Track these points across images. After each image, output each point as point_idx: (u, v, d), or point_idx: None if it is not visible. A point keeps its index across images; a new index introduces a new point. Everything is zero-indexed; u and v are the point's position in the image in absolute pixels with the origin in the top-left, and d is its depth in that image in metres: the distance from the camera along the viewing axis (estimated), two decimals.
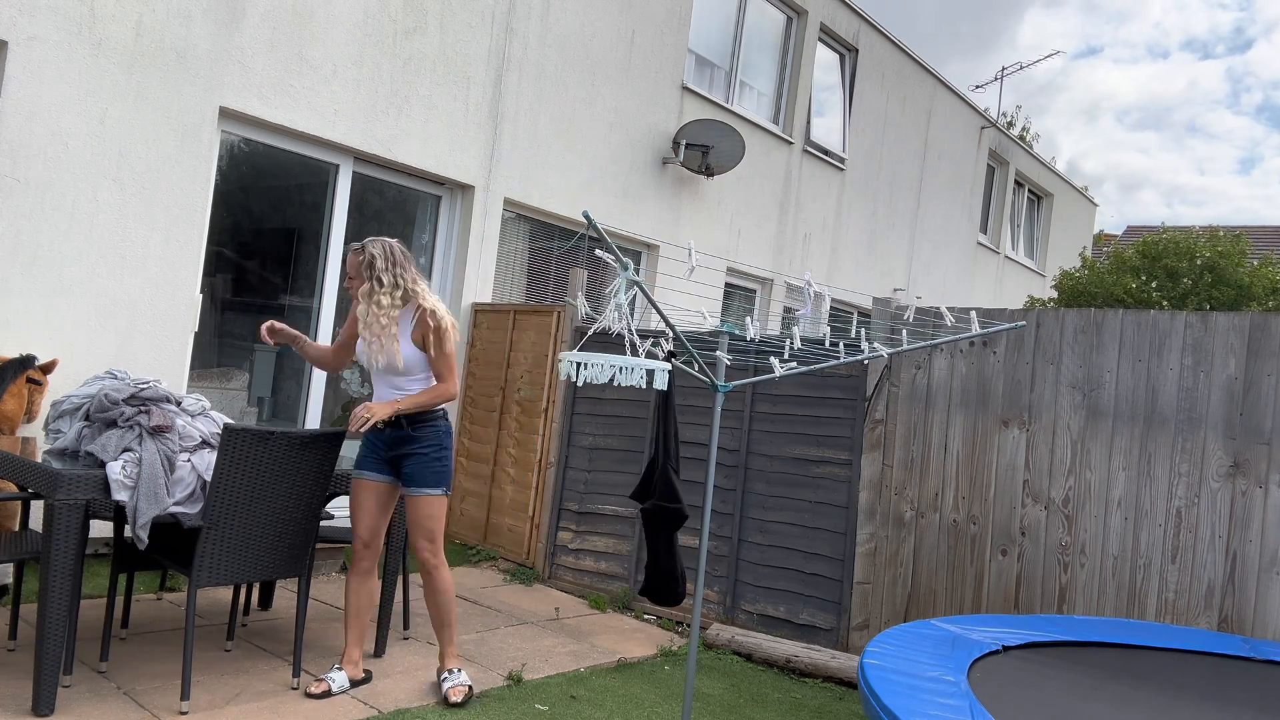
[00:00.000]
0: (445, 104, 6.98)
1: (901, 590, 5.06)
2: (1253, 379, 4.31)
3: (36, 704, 3.29)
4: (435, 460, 3.83)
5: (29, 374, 4.74)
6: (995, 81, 19.11)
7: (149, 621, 4.48)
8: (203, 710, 3.53)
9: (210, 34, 5.66)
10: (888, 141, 12.19)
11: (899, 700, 2.68)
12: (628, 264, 3.15)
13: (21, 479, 3.62)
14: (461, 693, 3.88)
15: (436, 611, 3.95)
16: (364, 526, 3.91)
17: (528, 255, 8.20)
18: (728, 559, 5.59)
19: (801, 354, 4.22)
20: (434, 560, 3.87)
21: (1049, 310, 4.85)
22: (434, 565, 3.87)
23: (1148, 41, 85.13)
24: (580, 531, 6.13)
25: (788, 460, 5.47)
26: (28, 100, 4.99)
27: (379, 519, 3.92)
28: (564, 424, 6.30)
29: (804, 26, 10.68)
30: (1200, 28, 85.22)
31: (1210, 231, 13.60)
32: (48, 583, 3.28)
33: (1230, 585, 4.27)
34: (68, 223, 5.17)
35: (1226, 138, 79.84)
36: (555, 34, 7.82)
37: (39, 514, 4.55)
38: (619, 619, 5.58)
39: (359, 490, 3.91)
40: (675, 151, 8.94)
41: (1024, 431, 4.81)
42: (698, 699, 4.32)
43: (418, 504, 3.83)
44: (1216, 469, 4.35)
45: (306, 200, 6.71)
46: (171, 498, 3.51)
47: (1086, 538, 4.60)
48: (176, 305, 5.65)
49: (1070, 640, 3.70)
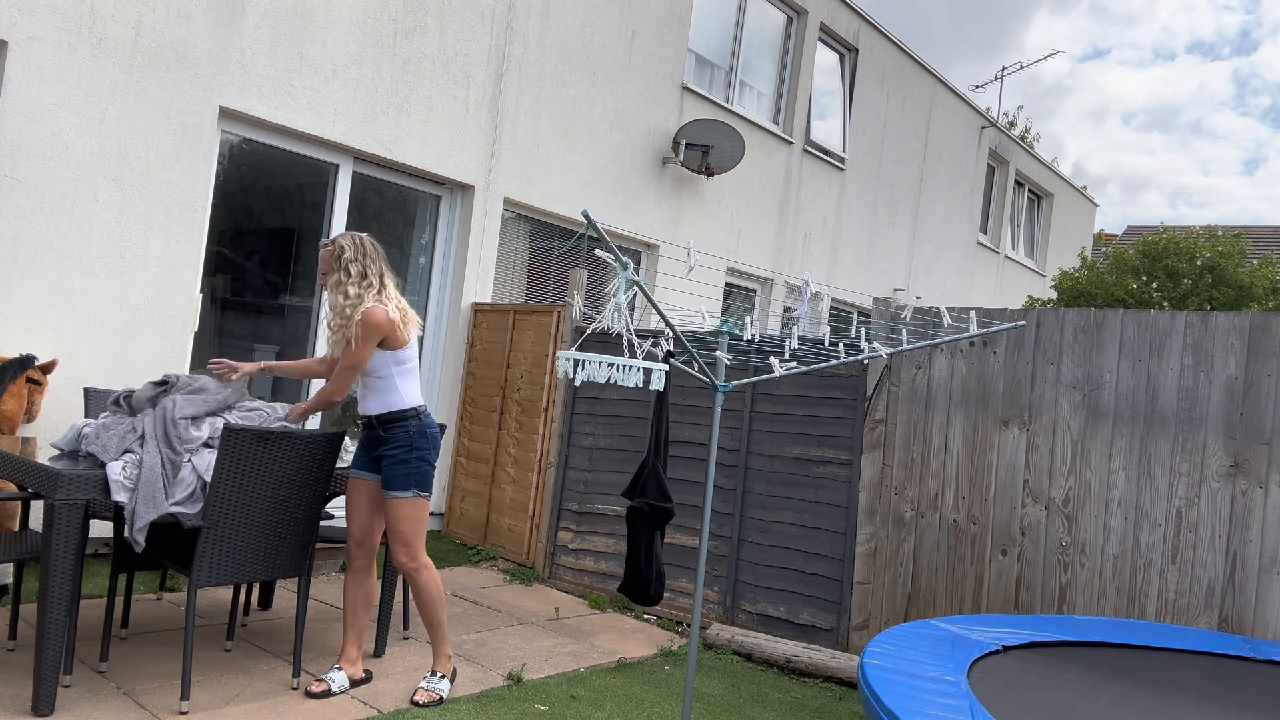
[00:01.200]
0: (445, 104, 6.98)
1: (901, 590, 5.06)
2: (1253, 379, 4.31)
3: (36, 704, 3.29)
4: (403, 462, 3.77)
5: (29, 374, 4.74)
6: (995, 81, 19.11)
7: (149, 621, 4.48)
8: (203, 710, 3.53)
9: (210, 34, 5.66)
10: (888, 141, 12.19)
11: (899, 700, 2.68)
12: (627, 263, 3.15)
13: (21, 479, 3.62)
14: (427, 696, 3.83)
15: (422, 613, 3.94)
16: (355, 525, 3.92)
17: (528, 255, 8.20)
18: (728, 559, 5.59)
19: (801, 354, 4.22)
20: (410, 564, 3.83)
21: (1049, 310, 4.85)
22: (411, 569, 3.84)
23: (1155, 44, 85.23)
24: (580, 531, 6.13)
25: (788, 460, 5.47)
26: (28, 100, 4.99)
27: (370, 517, 3.92)
28: (564, 424, 6.30)
29: (804, 26, 10.68)
30: (1207, 30, 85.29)
31: (1210, 231, 13.60)
32: (48, 583, 3.28)
33: (1230, 585, 4.27)
34: (68, 223, 5.17)
35: (1231, 139, 79.94)
36: (555, 34, 7.82)
37: (39, 514, 4.55)
38: (619, 619, 5.58)
39: (350, 489, 3.94)
40: (675, 151, 8.94)
41: (1024, 431, 4.81)
42: (698, 699, 4.32)
43: (388, 506, 3.81)
44: (1217, 469, 4.35)
45: (306, 200, 6.71)
46: (171, 498, 3.51)
47: (1086, 538, 4.60)
48: (176, 305, 5.65)
49: (1070, 640, 3.70)
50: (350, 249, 3.78)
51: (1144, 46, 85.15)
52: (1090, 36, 77.38)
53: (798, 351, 4.08)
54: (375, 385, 3.82)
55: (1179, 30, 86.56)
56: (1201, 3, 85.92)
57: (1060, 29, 73.33)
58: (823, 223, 11.21)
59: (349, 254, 3.77)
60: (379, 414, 3.81)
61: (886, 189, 12.27)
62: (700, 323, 3.58)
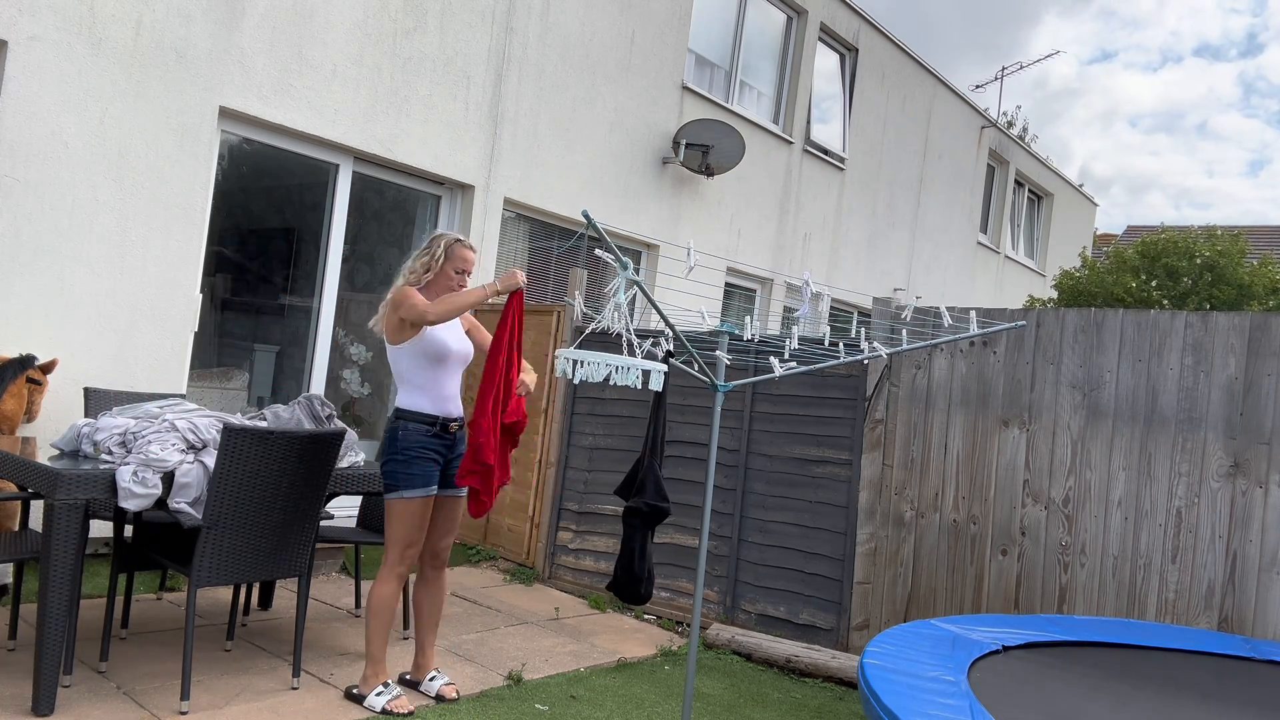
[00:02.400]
0: (445, 104, 6.98)
1: (901, 590, 5.06)
2: (1253, 379, 4.31)
3: (36, 704, 3.29)
4: (386, 462, 3.75)
5: (29, 374, 4.73)
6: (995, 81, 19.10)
7: (149, 621, 4.48)
8: (203, 710, 3.53)
9: (210, 34, 5.66)
10: (888, 141, 12.19)
11: (899, 700, 2.68)
12: (627, 263, 3.15)
13: (21, 479, 3.62)
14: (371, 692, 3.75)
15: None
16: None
17: (528, 255, 8.20)
18: (728, 559, 5.59)
19: (801, 354, 4.22)
20: (381, 569, 3.79)
21: (1049, 310, 4.85)
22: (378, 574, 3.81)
23: (1162, 47, 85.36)
24: (580, 531, 6.13)
25: (788, 460, 5.47)
26: (28, 100, 4.99)
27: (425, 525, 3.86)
28: (564, 424, 6.29)
29: (804, 26, 10.68)
30: (1214, 32, 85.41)
31: (1210, 231, 13.60)
32: (47, 583, 3.28)
33: (1230, 585, 4.27)
34: (68, 223, 5.17)
35: (1236, 140, 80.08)
36: (555, 34, 7.82)
37: (39, 514, 4.55)
38: (619, 619, 5.58)
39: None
40: (675, 151, 8.94)
41: (1024, 431, 4.81)
42: (698, 699, 4.32)
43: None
44: (1217, 469, 4.35)
45: (306, 200, 6.71)
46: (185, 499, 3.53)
47: (1086, 538, 4.60)
48: (176, 305, 5.65)
49: (1070, 640, 3.70)
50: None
51: (1151, 49, 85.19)
52: (1098, 40, 77.47)
53: (797, 351, 4.08)
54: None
55: (1186, 33, 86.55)
56: (1209, 6, 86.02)
57: (1069, 32, 73.39)
58: (823, 222, 11.21)
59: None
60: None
61: (886, 189, 12.27)
62: (700, 323, 3.58)
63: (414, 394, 3.77)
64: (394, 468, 3.70)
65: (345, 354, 6.99)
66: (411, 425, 3.72)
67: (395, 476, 3.69)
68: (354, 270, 6.93)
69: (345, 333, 6.89)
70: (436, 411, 3.78)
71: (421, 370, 3.77)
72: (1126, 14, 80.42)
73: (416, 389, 3.77)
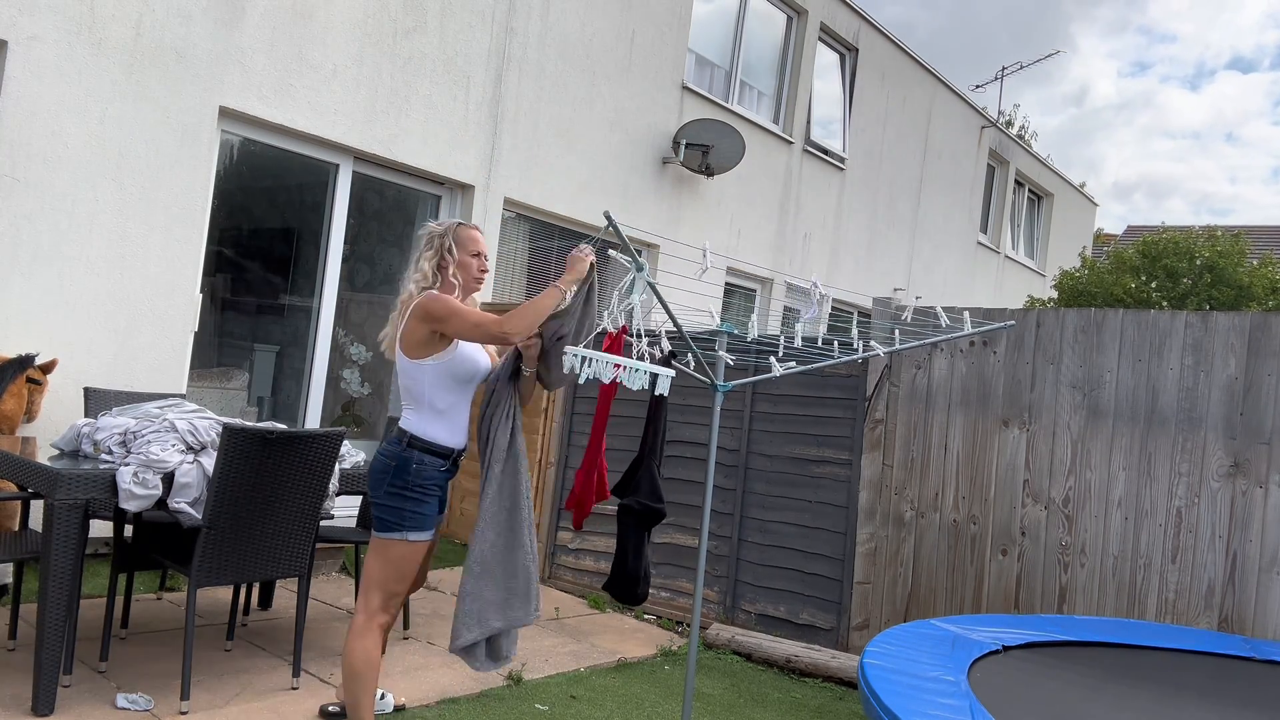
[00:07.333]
0: (445, 104, 6.98)
1: (901, 590, 5.06)
2: (1253, 379, 4.31)
3: (36, 704, 3.29)
4: (389, 494, 3.16)
5: (29, 374, 4.73)
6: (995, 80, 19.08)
7: (149, 621, 4.48)
8: (203, 710, 3.53)
9: (210, 34, 5.66)
10: (888, 141, 12.19)
11: (899, 700, 2.68)
12: (644, 265, 3.14)
13: (21, 479, 3.62)
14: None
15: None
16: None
17: (528, 255, 8.20)
18: (728, 559, 5.59)
19: (801, 353, 4.22)
20: (356, 619, 3.21)
21: (1049, 310, 4.85)
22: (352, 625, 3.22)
23: (1196, 60, 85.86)
24: (580, 531, 6.12)
25: (788, 460, 5.47)
26: (28, 100, 4.99)
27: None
28: (564, 424, 6.29)
29: (804, 26, 10.68)
30: (1247, 45, 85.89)
31: (1210, 231, 13.60)
32: (47, 583, 3.28)
33: (1230, 585, 4.27)
34: (68, 223, 5.17)
35: (1261, 147, 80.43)
36: (555, 34, 7.82)
37: (39, 514, 4.54)
38: (619, 619, 5.58)
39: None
40: (675, 151, 8.94)
41: (1024, 431, 4.81)
42: (698, 699, 4.32)
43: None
44: (1217, 469, 4.35)
45: (306, 200, 6.71)
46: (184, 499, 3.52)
47: (1086, 538, 4.60)
48: (176, 305, 5.65)
49: (1070, 640, 3.70)
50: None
51: (1186, 62, 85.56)
52: (1135, 54, 77.65)
53: (798, 351, 4.08)
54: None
55: (1221, 47, 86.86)
56: (1243, 19, 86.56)
57: (1107, 46, 73.49)
58: (823, 222, 11.21)
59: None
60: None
61: (886, 189, 12.27)
62: (709, 323, 3.58)
63: (431, 421, 3.18)
64: (400, 504, 3.12)
65: (345, 354, 6.99)
66: (428, 459, 3.15)
67: (401, 515, 3.12)
68: (354, 270, 6.93)
69: (345, 333, 6.89)
70: (454, 444, 3.21)
71: (445, 393, 3.19)
72: (1159, 30, 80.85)
73: (436, 415, 3.18)
